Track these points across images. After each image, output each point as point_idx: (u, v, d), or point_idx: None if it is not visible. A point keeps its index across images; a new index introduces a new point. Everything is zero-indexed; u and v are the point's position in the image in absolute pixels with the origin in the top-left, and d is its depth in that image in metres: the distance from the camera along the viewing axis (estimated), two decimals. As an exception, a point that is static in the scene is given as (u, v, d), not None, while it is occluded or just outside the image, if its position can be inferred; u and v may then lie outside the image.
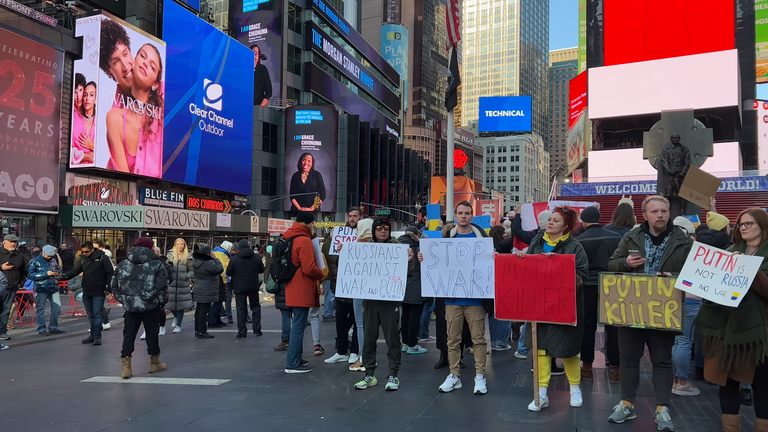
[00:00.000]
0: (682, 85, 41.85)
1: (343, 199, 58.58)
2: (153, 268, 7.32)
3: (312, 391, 6.16)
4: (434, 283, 5.89)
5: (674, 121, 17.85)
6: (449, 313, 6.01)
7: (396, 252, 6.16)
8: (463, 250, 5.82)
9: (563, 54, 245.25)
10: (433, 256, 5.88)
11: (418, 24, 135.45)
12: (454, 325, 5.98)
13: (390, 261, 6.14)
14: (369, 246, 6.23)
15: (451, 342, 6.02)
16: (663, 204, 4.80)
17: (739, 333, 4.15)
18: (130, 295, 7.22)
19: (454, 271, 5.82)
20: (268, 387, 6.44)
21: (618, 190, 35.29)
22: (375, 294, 6.14)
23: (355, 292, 6.25)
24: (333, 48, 66.62)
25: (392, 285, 6.09)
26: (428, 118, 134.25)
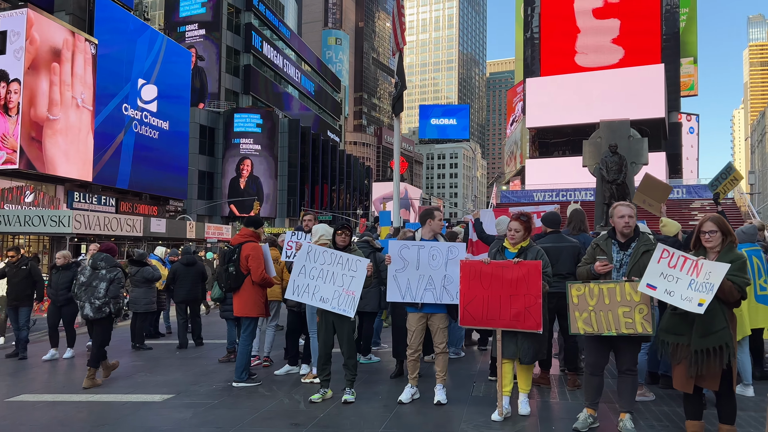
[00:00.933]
0: (614, 97, 43.55)
1: (283, 204, 57.74)
2: (108, 276, 7.11)
3: (264, 406, 5.83)
4: (402, 287, 5.67)
5: (612, 131, 18.38)
6: (412, 321, 5.81)
7: (355, 265, 5.88)
8: (436, 254, 5.65)
9: (500, 64, 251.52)
10: (402, 260, 5.66)
11: (359, 30, 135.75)
12: (417, 333, 5.79)
13: (347, 272, 5.88)
14: (330, 252, 5.95)
15: (413, 351, 5.83)
16: (630, 210, 4.79)
17: (705, 337, 4.16)
18: (82, 301, 7.09)
19: (424, 275, 5.64)
20: (216, 402, 6.06)
21: (555, 197, 36.26)
22: (325, 303, 5.85)
23: (305, 297, 5.95)
24: (273, 51, 65.68)
25: (345, 298, 5.82)
26: (369, 124, 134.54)
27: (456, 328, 7.91)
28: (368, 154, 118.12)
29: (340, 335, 6.01)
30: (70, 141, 34.45)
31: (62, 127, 33.85)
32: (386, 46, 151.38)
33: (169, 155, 44.43)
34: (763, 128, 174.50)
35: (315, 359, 6.82)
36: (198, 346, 9.85)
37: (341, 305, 5.82)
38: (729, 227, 4.36)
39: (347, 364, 5.98)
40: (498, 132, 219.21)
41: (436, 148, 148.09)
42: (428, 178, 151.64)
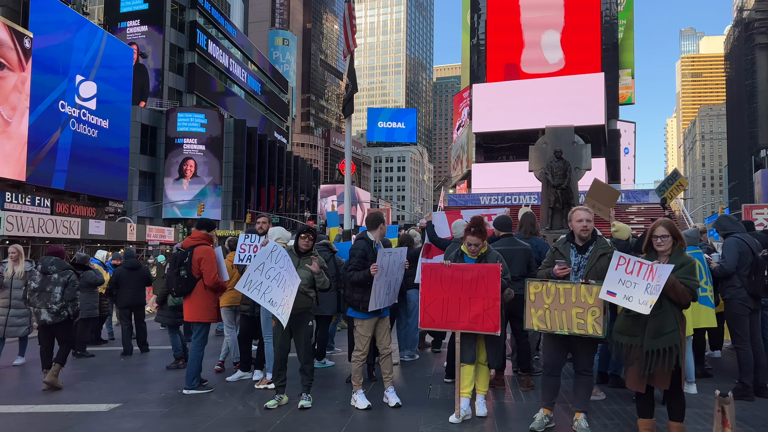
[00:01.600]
0: (557, 104, 44.87)
1: (228, 206, 56.66)
2: (62, 280, 6.99)
3: (217, 414, 5.67)
4: (377, 295, 5.65)
5: (557, 137, 18.86)
6: (368, 327, 5.78)
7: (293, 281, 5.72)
8: (396, 260, 5.78)
9: (447, 69, 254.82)
10: (381, 268, 5.63)
11: (306, 31, 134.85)
12: (369, 338, 5.80)
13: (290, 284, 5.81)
14: (289, 259, 5.86)
15: (362, 354, 5.80)
16: (588, 214, 4.90)
17: (657, 338, 4.30)
18: (38, 307, 6.93)
19: (388, 281, 5.73)
20: (166, 411, 5.86)
21: (500, 200, 37.00)
22: (272, 307, 5.76)
23: (255, 294, 5.79)
24: (219, 50, 64.41)
25: (283, 308, 5.74)
26: (317, 126, 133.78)
27: (411, 331, 7.94)
28: (316, 156, 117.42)
29: (297, 340, 5.92)
30: (1, 139, 32.75)
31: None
32: (334, 48, 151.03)
33: (108, 155, 42.86)
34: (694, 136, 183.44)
35: (269, 364, 6.70)
36: (143, 352, 9.53)
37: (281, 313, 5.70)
38: (679, 232, 4.52)
39: (304, 369, 5.89)
40: (445, 136, 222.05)
41: (384, 151, 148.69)
42: (376, 180, 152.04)
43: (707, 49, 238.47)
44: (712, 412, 5.37)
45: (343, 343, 8.94)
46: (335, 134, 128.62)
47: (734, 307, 6.02)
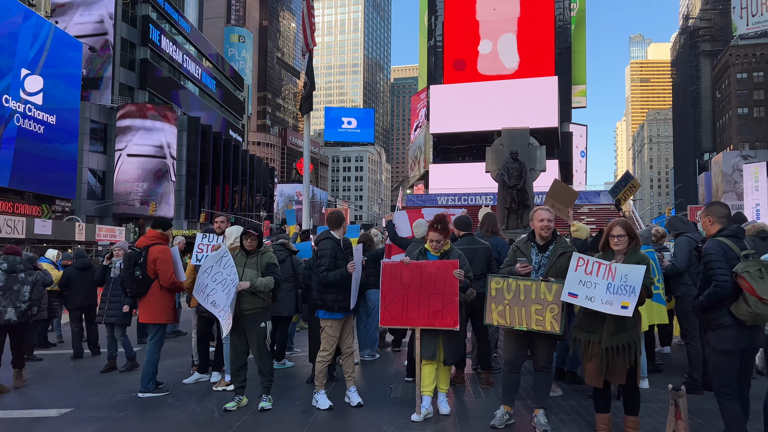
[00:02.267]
0: (512, 106, 45.65)
1: (182, 205, 55.48)
2: (30, 279, 6.92)
3: (175, 417, 5.54)
4: (354, 294, 5.69)
5: (512, 138, 19.16)
6: (338, 327, 5.76)
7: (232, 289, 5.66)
8: (357, 257, 5.80)
9: (404, 70, 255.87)
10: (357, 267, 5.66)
11: (263, 29, 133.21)
12: (337, 337, 5.77)
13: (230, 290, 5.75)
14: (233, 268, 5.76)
15: (329, 354, 5.77)
16: (549, 214, 5.00)
17: (616, 335, 4.42)
18: (3, 306, 6.74)
19: (356, 278, 5.74)
20: (121, 415, 5.68)
21: (458, 201, 37.40)
22: (214, 309, 5.73)
23: (200, 296, 5.80)
24: (172, 46, 62.96)
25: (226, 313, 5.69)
26: (273, 125, 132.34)
27: (371, 331, 7.93)
28: (272, 155, 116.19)
29: (250, 341, 5.82)
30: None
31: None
32: (291, 46, 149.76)
33: (56, 151, 41.38)
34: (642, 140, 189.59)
35: (228, 366, 6.59)
36: (94, 355, 9.22)
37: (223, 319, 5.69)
38: (635, 231, 4.66)
39: (262, 370, 5.82)
40: (402, 136, 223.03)
41: (341, 151, 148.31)
42: (334, 180, 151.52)
43: (655, 55, 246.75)
44: (664, 405, 5.56)
45: (302, 344, 8.87)
46: (292, 133, 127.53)
47: (685, 305, 6.24)
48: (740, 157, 71.56)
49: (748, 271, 4.01)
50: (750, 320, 4.05)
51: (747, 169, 57.84)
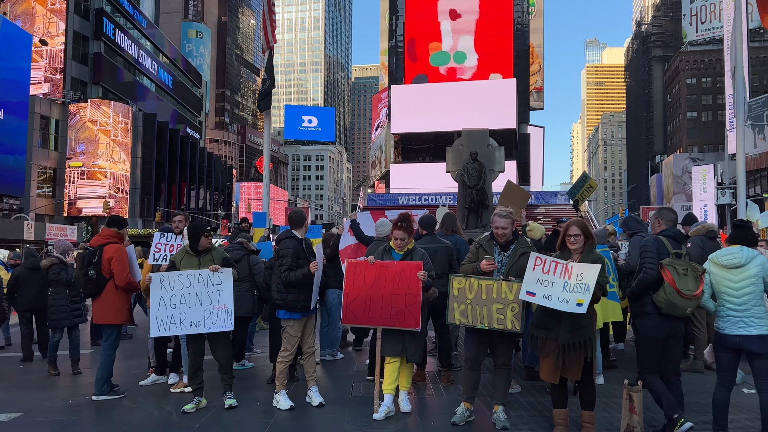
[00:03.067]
0: (472, 107, 46.14)
1: (136, 203, 54.15)
2: None
3: (131, 419, 5.42)
4: (315, 293, 5.66)
5: (472, 139, 19.37)
6: (299, 326, 5.71)
7: (218, 278, 5.66)
8: (320, 256, 5.79)
9: (366, 69, 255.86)
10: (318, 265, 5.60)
11: (222, 25, 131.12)
12: (298, 337, 5.73)
13: (213, 288, 5.66)
14: (185, 275, 5.65)
15: (290, 354, 5.73)
16: (505, 222, 5.06)
17: (572, 332, 4.52)
18: None
19: (318, 277, 5.71)
20: (75, 419, 5.52)
21: (419, 200, 37.62)
22: (198, 327, 5.61)
23: (173, 328, 5.63)
24: (128, 40, 61.34)
25: (218, 314, 5.63)
26: (232, 122, 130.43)
27: (332, 330, 7.90)
28: (231, 153, 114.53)
29: (214, 341, 5.76)
30: None
31: None
32: (251, 43, 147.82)
33: (3, 147, 39.83)
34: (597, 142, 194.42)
35: (186, 367, 6.49)
36: (45, 358, 8.91)
37: (216, 323, 5.63)
38: (591, 231, 4.78)
39: (225, 367, 5.76)
40: (363, 136, 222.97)
41: (302, 150, 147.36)
42: (294, 179, 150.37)
43: (610, 59, 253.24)
44: (618, 400, 5.72)
45: (262, 344, 8.79)
46: (251, 131, 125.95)
47: (637, 302, 6.43)
48: (689, 159, 74.16)
49: (675, 267, 4.57)
50: (665, 307, 4.57)
51: (695, 172, 59.97)
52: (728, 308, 4.48)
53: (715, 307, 4.61)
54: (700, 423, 5.12)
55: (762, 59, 74.76)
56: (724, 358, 4.56)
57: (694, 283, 4.51)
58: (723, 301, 4.53)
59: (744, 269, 4.43)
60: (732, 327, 4.44)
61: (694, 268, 4.57)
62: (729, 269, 4.49)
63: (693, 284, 4.51)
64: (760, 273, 4.41)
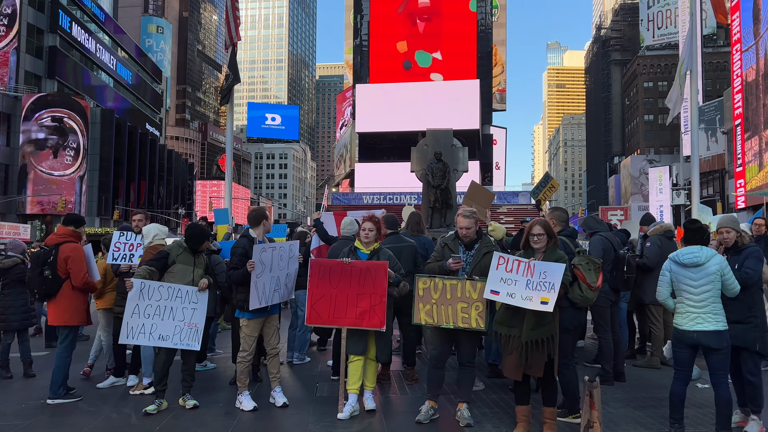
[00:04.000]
0: (437, 107, 46.42)
1: (94, 201, 52.76)
2: None
3: (89, 423, 5.27)
4: (259, 292, 5.48)
5: (437, 139, 19.50)
6: (255, 326, 5.63)
7: (196, 296, 5.64)
8: (283, 255, 5.65)
9: (330, 68, 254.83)
10: (261, 264, 5.47)
11: (183, 20, 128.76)
12: (256, 337, 5.66)
13: (188, 305, 5.61)
14: (165, 287, 5.55)
15: (249, 354, 5.66)
16: (468, 222, 5.11)
17: (535, 329, 4.59)
18: None
19: (275, 276, 5.58)
20: (28, 423, 5.34)
21: (383, 200, 37.67)
22: (166, 341, 5.56)
23: (142, 338, 5.54)
24: (85, 34, 59.65)
25: (188, 332, 5.59)
26: (193, 119, 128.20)
27: (300, 333, 7.80)
28: (192, 151, 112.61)
29: None
30: None
31: None
32: (213, 39, 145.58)
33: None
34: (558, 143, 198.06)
35: (145, 368, 6.36)
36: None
37: (184, 340, 5.60)
38: (553, 231, 4.87)
39: (189, 368, 5.66)
40: (327, 135, 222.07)
41: (265, 148, 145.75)
42: (257, 177, 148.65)
43: (570, 62, 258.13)
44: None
45: (224, 345, 8.66)
46: (213, 128, 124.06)
47: (598, 300, 6.56)
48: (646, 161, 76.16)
49: (581, 264, 4.91)
50: (581, 302, 4.95)
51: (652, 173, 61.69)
52: (687, 305, 4.62)
53: (674, 304, 4.74)
54: (657, 417, 5.27)
55: (714, 64, 77.33)
56: (681, 354, 4.69)
57: (596, 275, 4.89)
58: (683, 298, 4.66)
59: (703, 267, 4.58)
60: (691, 323, 4.58)
61: (593, 263, 4.94)
62: (689, 268, 4.62)
63: (595, 277, 4.89)
64: (719, 271, 4.58)
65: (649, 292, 7.04)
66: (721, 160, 60.23)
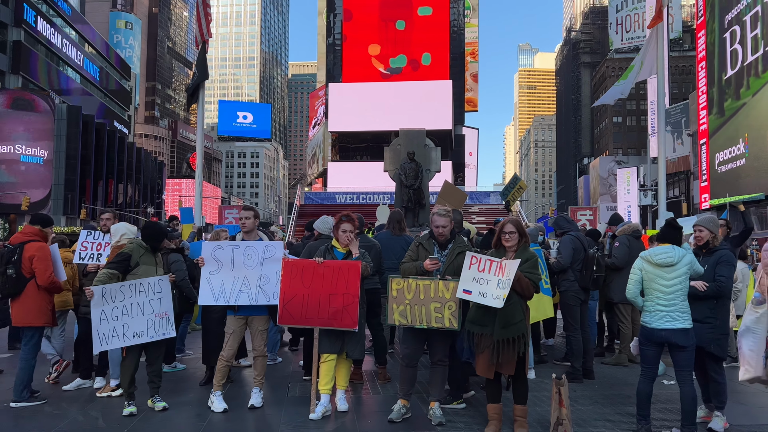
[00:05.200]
0: (409, 107, 46.55)
1: (60, 200, 51.60)
2: None
3: (54, 426, 5.14)
4: (215, 289, 5.43)
5: (410, 139, 19.53)
6: (231, 324, 5.58)
7: (158, 285, 5.55)
8: (251, 254, 5.51)
9: (303, 67, 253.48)
10: (216, 261, 5.42)
11: (153, 16, 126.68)
12: (235, 336, 5.58)
13: (154, 297, 5.52)
14: (126, 285, 5.44)
15: (230, 356, 5.59)
16: (443, 221, 5.13)
17: (506, 328, 4.64)
18: None
19: (239, 276, 5.46)
20: (-10, 428, 5.20)
21: (356, 199, 37.61)
22: (142, 337, 5.46)
23: (116, 341, 5.42)
24: (51, 28, 58.26)
25: (160, 322, 5.51)
26: (163, 117, 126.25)
27: (272, 333, 7.73)
28: (161, 149, 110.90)
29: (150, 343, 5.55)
30: None
31: None
32: (183, 36, 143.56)
33: None
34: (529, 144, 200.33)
35: (113, 370, 6.24)
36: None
37: (159, 331, 5.52)
38: (524, 229, 4.92)
39: (154, 370, 5.57)
40: (300, 134, 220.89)
41: (236, 146, 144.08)
42: (228, 176, 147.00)
43: (541, 64, 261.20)
44: (548, 394, 5.90)
45: (193, 346, 8.55)
46: (183, 126, 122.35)
47: (568, 299, 6.68)
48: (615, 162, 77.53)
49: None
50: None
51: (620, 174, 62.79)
52: (658, 303, 4.69)
53: (642, 302, 4.82)
54: (625, 413, 5.37)
55: (680, 68, 79.13)
56: (649, 352, 4.78)
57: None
58: (653, 297, 4.73)
59: (675, 267, 4.67)
60: (659, 321, 4.66)
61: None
62: (662, 267, 4.70)
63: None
64: (689, 271, 4.69)
65: (618, 291, 7.18)
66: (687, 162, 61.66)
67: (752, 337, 3.79)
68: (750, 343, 3.81)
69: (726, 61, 47.50)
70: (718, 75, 48.94)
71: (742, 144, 44.61)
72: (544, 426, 5.00)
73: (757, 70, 43.04)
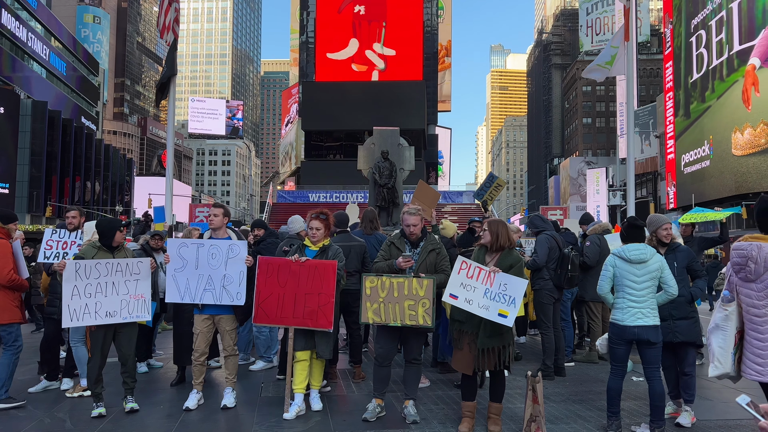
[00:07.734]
0: (382, 106, 46.54)
1: (24, 197, 50.34)
2: None
3: (20, 428, 5.00)
4: (181, 287, 5.36)
5: (384, 138, 19.57)
6: (198, 324, 5.51)
7: (137, 267, 5.44)
8: (215, 253, 5.42)
9: (275, 64, 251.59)
10: (181, 258, 5.33)
11: (122, 11, 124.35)
12: (203, 336, 5.50)
13: (130, 278, 5.40)
14: (103, 263, 5.32)
15: (199, 355, 5.53)
16: (414, 219, 5.14)
17: (493, 337, 4.65)
18: None
19: (204, 275, 5.39)
20: (-49, 432, 5.03)
21: (329, 197, 37.51)
22: (114, 317, 5.32)
23: (87, 318, 5.27)
24: (15, 21, 56.76)
25: (135, 304, 5.39)
26: (132, 114, 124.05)
27: (244, 333, 7.66)
28: (130, 146, 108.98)
29: (122, 338, 5.44)
30: None
31: None
32: (153, 31, 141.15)
33: None
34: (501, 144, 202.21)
35: (81, 370, 6.10)
36: None
37: (133, 312, 5.39)
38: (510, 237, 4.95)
39: (127, 370, 5.46)
40: (273, 131, 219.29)
41: (207, 144, 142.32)
42: (199, 174, 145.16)
43: (513, 65, 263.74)
44: (520, 391, 5.98)
45: (164, 346, 8.43)
46: (152, 123, 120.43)
47: (542, 297, 6.74)
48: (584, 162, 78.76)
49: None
50: None
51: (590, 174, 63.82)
52: (629, 300, 4.75)
53: (613, 300, 4.89)
54: (595, 410, 5.45)
55: (648, 70, 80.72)
56: (619, 350, 4.83)
57: None
58: (624, 294, 4.78)
59: (647, 264, 4.75)
60: (632, 318, 4.72)
61: None
62: (635, 264, 4.78)
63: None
64: (659, 269, 4.78)
65: (589, 289, 7.28)
66: (654, 163, 62.95)
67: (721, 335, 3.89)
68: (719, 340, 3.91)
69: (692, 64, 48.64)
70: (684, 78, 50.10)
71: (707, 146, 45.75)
72: (516, 422, 5.05)
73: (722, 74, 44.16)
